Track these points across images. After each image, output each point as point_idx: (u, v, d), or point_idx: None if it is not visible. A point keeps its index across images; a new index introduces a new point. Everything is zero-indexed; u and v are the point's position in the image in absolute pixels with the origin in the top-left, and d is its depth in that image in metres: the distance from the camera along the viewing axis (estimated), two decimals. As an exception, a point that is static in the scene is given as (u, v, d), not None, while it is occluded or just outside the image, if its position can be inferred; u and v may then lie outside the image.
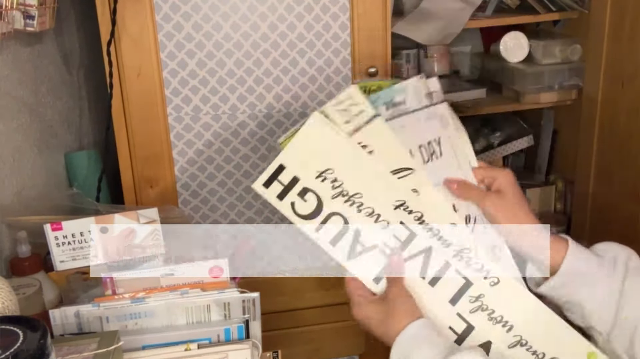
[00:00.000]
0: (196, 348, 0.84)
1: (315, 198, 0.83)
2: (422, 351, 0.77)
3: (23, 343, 0.59)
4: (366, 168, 0.83)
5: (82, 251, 0.96)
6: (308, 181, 0.83)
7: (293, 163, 0.83)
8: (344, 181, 0.82)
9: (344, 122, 0.82)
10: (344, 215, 0.83)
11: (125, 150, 1.32)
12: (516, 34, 1.63)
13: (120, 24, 1.24)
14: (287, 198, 0.84)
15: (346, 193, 0.83)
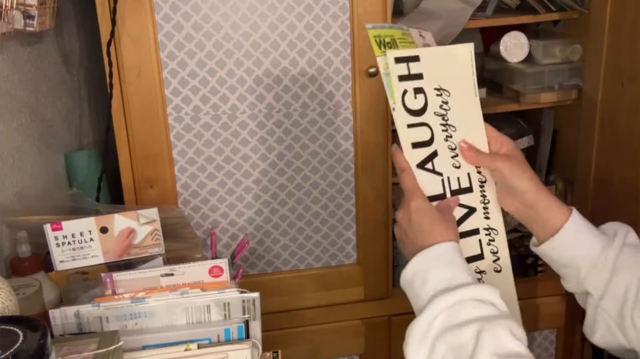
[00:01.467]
0: (196, 348, 0.84)
1: (423, 101, 0.89)
2: (442, 271, 0.78)
3: (23, 343, 0.59)
4: (471, 115, 0.89)
5: (82, 251, 0.96)
6: (427, 86, 0.88)
7: (428, 63, 0.88)
8: (451, 108, 0.89)
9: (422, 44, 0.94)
10: (434, 133, 0.89)
11: (125, 150, 1.32)
12: (516, 34, 1.63)
13: (120, 24, 1.24)
14: (404, 84, 0.88)
15: (447, 119, 0.89)
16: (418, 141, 0.89)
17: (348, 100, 1.37)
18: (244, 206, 1.40)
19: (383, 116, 1.39)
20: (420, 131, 0.89)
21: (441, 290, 0.75)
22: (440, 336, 0.72)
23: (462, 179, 0.90)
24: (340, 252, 1.48)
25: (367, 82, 1.36)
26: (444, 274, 0.77)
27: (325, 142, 1.39)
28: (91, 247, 0.96)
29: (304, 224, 1.44)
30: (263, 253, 1.45)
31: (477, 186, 0.91)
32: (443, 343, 0.71)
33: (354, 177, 1.42)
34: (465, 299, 0.73)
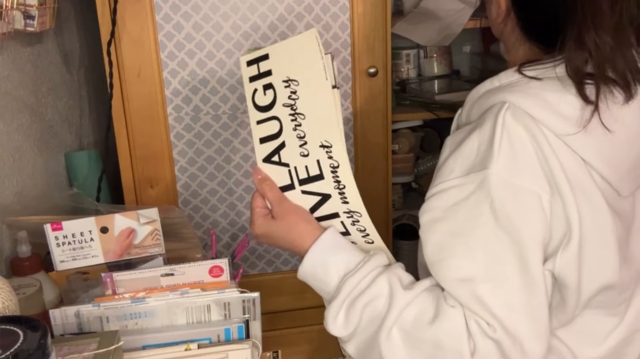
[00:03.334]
0: (196, 348, 0.84)
1: (272, 96, 0.91)
2: (339, 256, 0.87)
3: (23, 343, 0.59)
4: (323, 98, 0.88)
5: (82, 251, 0.96)
6: (275, 80, 0.90)
7: (276, 58, 0.90)
8: (299, 97, 0.89)
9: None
10: (283, 124, 0.90)
11: (125, 150, 1.32)
12: (516, 34, 1.63)
13: (120, 24, 1.24)
14: (254, 84, 0.91)
15: (295, 109, 0.89)
16: (266, 135, 0.91)
17: (348, 100, 1.37)
18: (244, 206, 1.40)
19: (383, 116, 1.39)
20: (269, 125, 0.91)
21: (343, 274, 0.85)
22: (351, 303, 0.84)
23: (311, 167, 0.90)
24: (340, 252, 1.48)
25: (367, 82, 1.36)
26: (339, 259, 0.87)
27: (325, 142, 1.39)
28: (91, 247, 0.96)
29: (304, 224, 1.44)
30: (263, 253, 1.45)
31: (329, 172, 0.89)
32: (357, 306, 0.83)
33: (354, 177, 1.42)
34: (367, 271, 0.84)
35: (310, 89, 0.89)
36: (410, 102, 1.66)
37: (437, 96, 1.65)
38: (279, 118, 0.90)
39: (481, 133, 0.82)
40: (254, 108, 0.92)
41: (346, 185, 0.89)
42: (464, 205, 0.81)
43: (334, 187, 0.90)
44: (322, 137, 0.89)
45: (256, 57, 0.91)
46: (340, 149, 0.89)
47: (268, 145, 0.91)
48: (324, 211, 0.91)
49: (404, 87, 1.75)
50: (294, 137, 0.90)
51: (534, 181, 0.79)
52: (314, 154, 0.89)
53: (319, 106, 0.89)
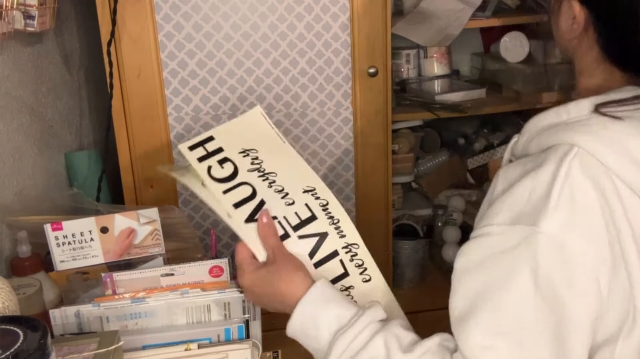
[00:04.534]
0: (196, 348, 0.84)
1: (232, 167, 0.89)
2: (331, 310, 0.78)
3: (23, 343, 0.59)
4: (287, 158, 0.90)
5: (82, 251, 0.96)
6: (231, 154, 0.89)
7: (223, 138, 0.91)
8: (263, 160, 0.89)
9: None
10: (255, 186, 0.88)
11: (125, 150, 1.32)
12: (516, 34, 1.63)
13: (120, 24, 1.24)
14: (206, 162, 0.89)
15: (262, 170, 0.89)
16: (239, 199, 0.87)
17: (348, 100, 1.37)
18: (244, 206, 1.40)
19: (383, 116, 1.39)
20: (239, 190, 0.87)
21: (335, 331, 0.76)
22: None
23: (301, 211, 0.88)
24: (340, 252, 1.48)
25: (367, 82, 1.36)
26: (331, 314, 0.78)
27: (325, 142, 1.39)
28: (91, 247, 0.96)
29: (304, 224, 1.44)
30: (263, 253, 1.45)
31: (320, 211, 0.88)
32: None
33: (354, 177, 1.42)
34: (361, 329, 0.75)
35: (271, 152, 0.90)
36: (410, 102, 1.66)
37: (437, 96, 1.65)
38: (249, 183, 0.88)
39: (537, 178, 0.69)
40: (213, 182, 0.87)
41: (340, 218, 0.89)
42: (502, 259, 0.69)
43: (329, 224, 0.89)
44: (302, 184, 0.89)
45: (199, 141, 0.91)
46: (323, 188, 0.90)
47: (245, 207, 0.87)
48: (323, 252, 0.88)
49: (404, 87, 1.75)
50: (272, 192, 0.88)
51: (593, 249, 0.66)
52: (299, 200, 0.88)
53: (287, 163, 0.90)
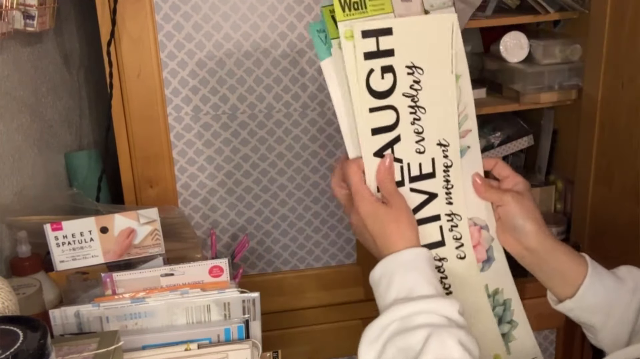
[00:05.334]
0: (196, 348, 0.84)
1: (392, 82, 0.78)
2: (410, 278, 0.75)
3: (23, 343, 0.59)
4: (445, 93, 0.81)
5: (82, 251, 0.96)
6: (398, 63, 0.78)
7: (402, 37, 0.77)
8: (423, 88, 0.80)
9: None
10: (400, 116, 0.80)
11: (125, 150, 1.32)
12: (516, 34, 1.63)
13: (120, 24, 1.24)
14: (371, 62, 0.76)
15: (416, 100, 0.80)
16: (380, 126, 0.79)
17: (348, 100, 1.37)
18: (244, 206, 1.40)
19: (383, 116, 1.39)
20: (384, 115, 0.79)
21: (402, 299, 0.74)
22: (390, 339, 0.72)
23: (425, 164, 0.82)
24: (340, 252, 1.48)
25: (367, 82, 1.36)
26: (407, 282, 0.75)
27: (325, 142, 1.39)
28: (91, 247, 0.96)
29: (304, 224, 1.44)
30: (263, 253, 1.45)
31: (441, 171, 0.83)
32: (393, 346, 0.71)
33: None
34: (421, 311, 0.72)
35: (435, 81, 0.80)
36: (410, 102, 1.66)
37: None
38: (397, 109, 0.79)
39: None
40: (366, 92, 0.77)
41: (454, 185, 0.84)
42: None
43: (442, 187, 0.84)
44: (441, 134, 0.83)
45: (376, 29, 0.76)
46: (455, 149, 0.83)
47: (382, 137, 0.79)
48: (426, 213, 0.84)
49: (404, 87, 1.75)
50: (411, 131, 0.81)
51: None
52: (430, 152, 0.82)
53: (442, 101, 0.81)
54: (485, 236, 0.89)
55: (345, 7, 0.76)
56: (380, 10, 0.78)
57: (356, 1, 0.76)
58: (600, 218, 1.52)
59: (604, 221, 1.51)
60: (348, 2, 0.76)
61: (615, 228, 1.45)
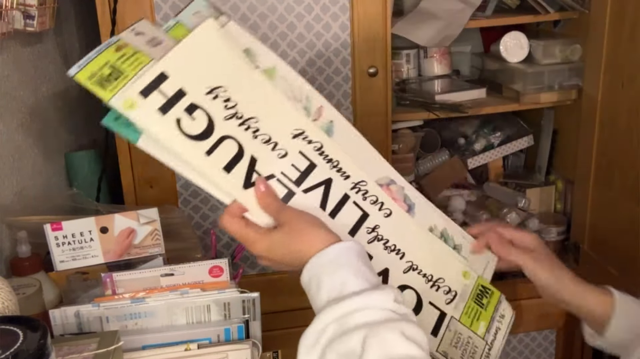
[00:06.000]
0: (196, 348, 0.84)
1: (205, 117, 0.72)
2: (334, 277, 0.72)
3: (23, 343, 0.59)
4: (262, 91, 0.76)
5: (82, 251, 0.96)
6: (197, 97, 0.71)
7: (179, 73, 0.70)
8: (238, 102, 0.74)
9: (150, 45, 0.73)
10: (239, 139, 0.74)
11: (125, 150, 1.32)
12: (516, 34, 1.63)
13: (120, 24, 1.24)
14: (171, 113, 0.69)
15: (241, 116, 0.74)
16: (228, 160, 0.74)
17: (348, 100, 1.37)
18: (244, 206, 1.40)
19: (383, 116, 1.39)
20: (224, 147, 0.73)
21: (334, 299, 0.70)
22: (329, 344, 0.68)
23: (298, 162, 0.78)
24: (340, 252, 1.48)
25: (367, 82, 1.36)
26: (336, 279, 0.71)
27: (325, 142, 1.39)
28: (91, 247, 0.96)
29: (304, 224, 1.44)
30: (263, 253, 1.45)
31: (317, 156, 0.79)
32: (333, 351, 0.68)
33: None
34: (355, 308, 0.68)
35: (243, 88, 0.75)
36: (410, 102, 1.66)
37: (437, 96, 1.65)
38: (230, 135, 0.74)
39: None
40: (189, 140, 0.70)
41: (338, 159, 0.81)
42: None
43: (330, 168, 0.81)
44: (289, 127, 0.78)
45: (150, 82, 0.68)
46: (312, 129, 0.79)
47: (237, 170, 0.74)
48: (334, 200, 0.81)
49: (404, 87, 1.75)
50: (260, 144, 0.76)
51: None
52: (292, 148, 0.78)
53: (267, 99, 0.76)
54: (395, 189, 0.88)
55: (104, 83, 0.67)
56: (140, 65, 0.70)
57: (109, 72, 0.68)
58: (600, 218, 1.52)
59: (604, 221, 1.51)
60: (102, 78, 0.68)
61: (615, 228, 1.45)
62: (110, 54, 0.69)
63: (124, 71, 0.68)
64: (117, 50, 0.70)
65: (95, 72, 0.67)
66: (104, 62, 0.68)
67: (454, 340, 0.88)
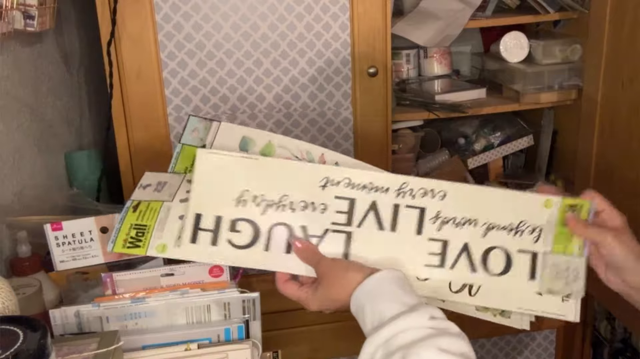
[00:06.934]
0: (196, 348, 0.84)
1: (248, 224, 0.83)
2: (375, 306, 0.78)
3: (23, 343, 0.59)
4: (274, 169, 0.83)
5: (82, 251, 0.96)
6: (232, 213, 0.82)
7: (207, 206, 0.82)
8: (263, 193, 0.83)
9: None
10: (284, 221, 0.83)
11: (125, 150, 1.32)
12: (516, 34, 1.63)
13: (120, 24, 1.24)
14: (221, 239, 0.82)
15: (272, 202, 0.83)
16: (285, 242, 0.83)
17: (348, 100, 1.37)
18: (244, 206, 1.40)
19: (383, 116, 1.39)
20: (276, 235, 0.83)
21: (375, 327, 0.76)
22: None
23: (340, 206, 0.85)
24: (340, 252, 1.48)
25: (367, 82, 1.36)
26: (375, 308, 0.78)
27: (325, 142, 1.39)
28: (91, 247, 0.96)
29: (304, 224, 1.44)
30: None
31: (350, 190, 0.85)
32: None
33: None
34: (396, 332, 0.73)
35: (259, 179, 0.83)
36: (410, 102, 1.66)
37: (437, 96, 1.65)
38: (275, 223, 0.83)
39: None
40: (245, 250, 0.82)
41: (369, 181, 0.86)
42: None
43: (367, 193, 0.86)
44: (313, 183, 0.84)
45: (193, 230, 0.81)
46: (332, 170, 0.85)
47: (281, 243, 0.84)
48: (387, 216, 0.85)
49: (404, 87, 1.75)
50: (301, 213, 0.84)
51: None
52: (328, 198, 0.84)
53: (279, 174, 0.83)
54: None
55: (137, 243, 0.81)
56: (155, 212, 0.83)
57: (135, 233, 0.81)
58: (600, 218, 1.52)
59: (604, 221, 1.50)
60: (133, 240, 0.81)
61: (615, 228, 1.45)
62: (130, 216, 0.82)
63: (146, 224, 0.81)
64: (134, 210, 0.83)
65: (125, 239, 0.80)
66: (128, 227, 0.81)
67: (552, 273, 0.86)
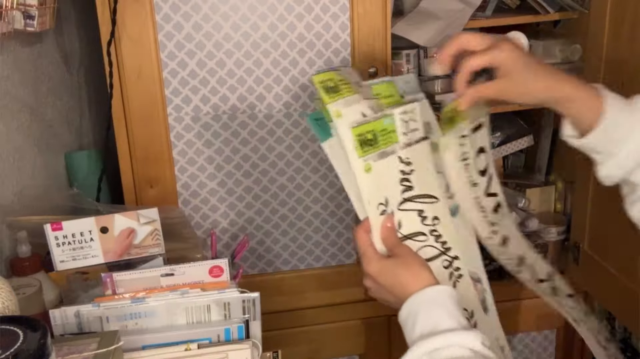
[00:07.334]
0: (196, 348, 0.84)
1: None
2: (429, 314, 0.77)
3: (23, 343, 0.59)
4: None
5: (82, 251, 0.96)
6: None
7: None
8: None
9: (402, 133, 0.87)
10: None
11: (125, 150, 1.32)
12: (516, 34, 1.63)
13: (120, 24, 1.24)
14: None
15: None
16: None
17: (348, 100, 1.37)
18: (244, 206, 1.40)
19: (383, 116, 1.39)
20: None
21: (427, 334, 0.75)
22: None
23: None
24: (340, 252, 1.48)
25: (367, 82, 1.36)
26: (431, 317, 0.77)
27: (325, 142, 1.39)
28: (91, 247, 0.96)
29: (304, 224, 1.44)
30: (263, 253, 1.45)
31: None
32: None
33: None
34: (446, 344, 0.73)
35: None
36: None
37: (437, 96, 1.65)
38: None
39: None
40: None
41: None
42: None
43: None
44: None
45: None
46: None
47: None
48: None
49: (404, 87, 1.75)
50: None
51: None
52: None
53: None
54: (479, 288, 0.93)
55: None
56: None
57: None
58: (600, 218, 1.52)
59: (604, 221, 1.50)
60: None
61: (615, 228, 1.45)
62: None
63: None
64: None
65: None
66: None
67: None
